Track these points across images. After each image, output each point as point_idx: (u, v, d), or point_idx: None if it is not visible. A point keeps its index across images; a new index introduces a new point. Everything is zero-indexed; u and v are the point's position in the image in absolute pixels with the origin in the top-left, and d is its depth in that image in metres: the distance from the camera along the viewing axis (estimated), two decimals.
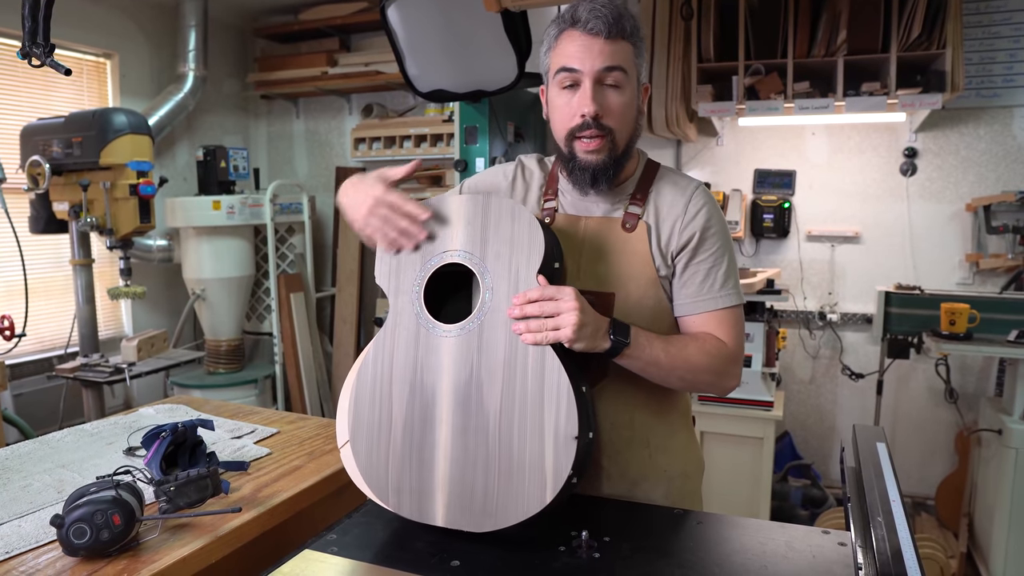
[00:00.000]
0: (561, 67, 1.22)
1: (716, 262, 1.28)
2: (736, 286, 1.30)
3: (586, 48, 1.19)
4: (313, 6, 4.27)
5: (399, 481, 1.14)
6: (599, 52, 1.19)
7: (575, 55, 1.20)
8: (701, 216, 1.27)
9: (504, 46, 2.57)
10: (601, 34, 1.19)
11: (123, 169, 3.15)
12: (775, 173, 3.66)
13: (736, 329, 1.29)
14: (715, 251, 1.28)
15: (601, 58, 1.19)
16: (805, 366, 3.75)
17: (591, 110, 1.20)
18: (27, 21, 1.46)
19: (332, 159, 4.70)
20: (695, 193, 1.29)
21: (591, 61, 1.19)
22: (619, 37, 1.20)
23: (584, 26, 1.19)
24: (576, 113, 1.21)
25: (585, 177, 1.25)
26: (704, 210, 1.27)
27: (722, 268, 1.28)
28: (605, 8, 1.20)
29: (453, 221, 1.16)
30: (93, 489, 1.11)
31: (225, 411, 1.90)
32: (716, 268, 1.28)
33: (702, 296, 1.28)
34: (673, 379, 1.24)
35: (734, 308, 1.29)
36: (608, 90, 1.21)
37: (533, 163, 1.41)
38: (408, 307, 1.16)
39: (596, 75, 1.19)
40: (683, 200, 1.28)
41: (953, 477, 3.36)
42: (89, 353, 3.34)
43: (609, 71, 1.20)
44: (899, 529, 0.88)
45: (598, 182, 1.25)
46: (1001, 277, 3.32)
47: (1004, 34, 3.25)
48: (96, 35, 3.76)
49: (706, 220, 1.27)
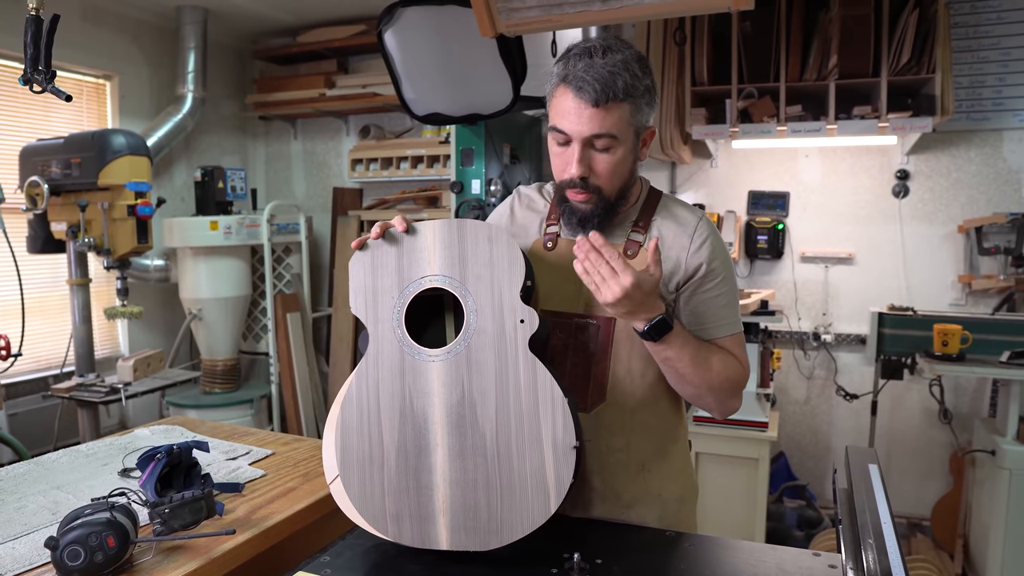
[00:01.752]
0: (553, 126, 1.22)
1: (723, 292, 1.30)
2: (739, 315, 1.34)
3: (576, 113, 1.18)
4: (311, 29, 4.31)
5: (398, 510, 1.14)
6: (588, 119, 1.17)
7: (565, 117, 1.19)
8: (707, 248, 1.29)
9: (499, 70, 2.60)
10: (590, 102, 1.16)
11: (121, 190, 3.16)
12: (769, 195, 3.70)
13: (744, 354, 1.33)
14: (720, 281, 1.30)
15: (589, 125, 1.17)
16: (800, 387, 3.76)
17: (577, 173, 1.21)
18: (29, 48, 1.48)
19: (329, 180, 4.73)
20: (699, 224, 1.31)
21: (579, 127, 1.18)
22: (611, 101, 1.16)
23: (575, 88, 1.17)
24: (565, 170, 1.23)
25: (573, 221, 1.28)
26: (709, 242, 1.29)
27: (728, 298, 1.31)
28: (598, 71, 1.15)
29: (429, 246, 1.15)
30: (88, 511, 1.11)
31: (220, 432, 1.90)
32: (722, 298, 1.30)
33: (709, 325, 1.30)
34: (689, 386, 1.26)
35: (739, 335, 1.33)
36: (597, 153, 1.21)
37: (533, 192, 1.44)
38: (389, 334, 1.15)
39: (584, 140, 1.19)
40: (688, 231, 1.30)
41: (948, 498, 3.36)
42: (85, 373, 3.34)
43: (598, 137, 1.19)
44: (890, 551, 0.88)
45: (585, 227, 1.27)
46: (993, 298, 3.34)
47: (993, 59, 3.30)
48: (96, 57, 3.79)
49: (711, 252, 1.29)
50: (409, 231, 1.15)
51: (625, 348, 1.29)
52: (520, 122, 3.70)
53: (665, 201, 1.35)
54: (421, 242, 1.15)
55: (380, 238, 1.15)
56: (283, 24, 4.31)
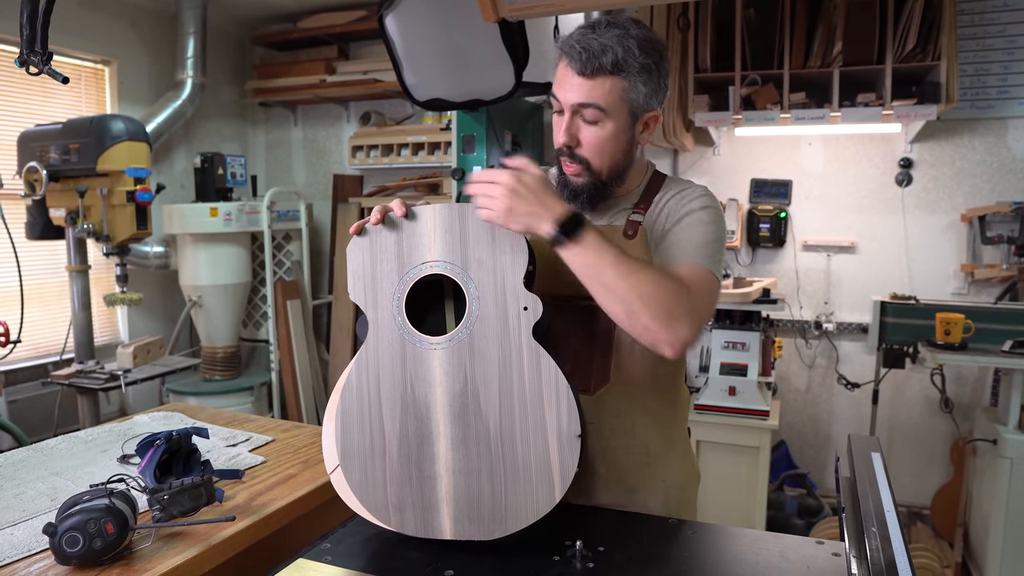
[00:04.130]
0: (551, 92, 1.24)
1: (701, 232, 1.22)
2: (716, 260, 1.21)
3: (565, 81, 1.20)
4: (312, 14, 4.28)
5: (400, 499, 1.13)
6: (576, 87, 1.19)
7: (559, 85, 1.22)
8: (697, 201, 1.26)
9: (502, 56, 2.58)
10: (576, 70, 1.17)
11: (120, 176, 3.14)
12: (771, 183, 3.68)
13: (701, 286, 1.15)
14: (704, 223, 1.23)
15: (576, 93, 1.19)
16: (801, 375, 3.75)
17: (562, 140, 1.22)
18: (25, 29, 1.46)
19: (330, 167, 4.71)
20: (697, 188, 1.30)
21: (566, 94, 1.20)
22: (598, 73, 1.16)
23: (567, 56, 1.19)
24: (557, 139, 1.25)
25: (565, 194, 1.27)
26: (703, 198, 1.27)
27: (705, 238, 1.22)
28: (589, 41, 1.16)
29: (429, 231, 1.13)
30: (87, 497, 1.11)
31: (220, 419, 1.90)
32: (700, 237, 1.22)
33: (675, 251, 1.21)
34: (617, 301, 1.07)
35: (700, 268, 1.18)
36: (585, 125, 1.21)
37: None
38: (389, 321, 1.13)
39: (572, 108, 1.20)
40: (687, 195, 1.28)
41: (948, 487, 3.36)
42: (84, 359, 3.33)
43: (584, 107, 1.19)
44: (893, 540, 0.88)
45: (575, 201, 1.26)
46: (996, 287, 3.33)
47: (998, 46, 3.27)
48: (95, 42, 3.76)
49: (701, 203, 1.26)
50: (408, 216, 1.13)
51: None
52: (522, 109, 3.67)
53: (669, 182, 1.34)
54: (421, 227, 1.13)
55: (380, 224, 1.13)
56: (283, 9, 4.28)
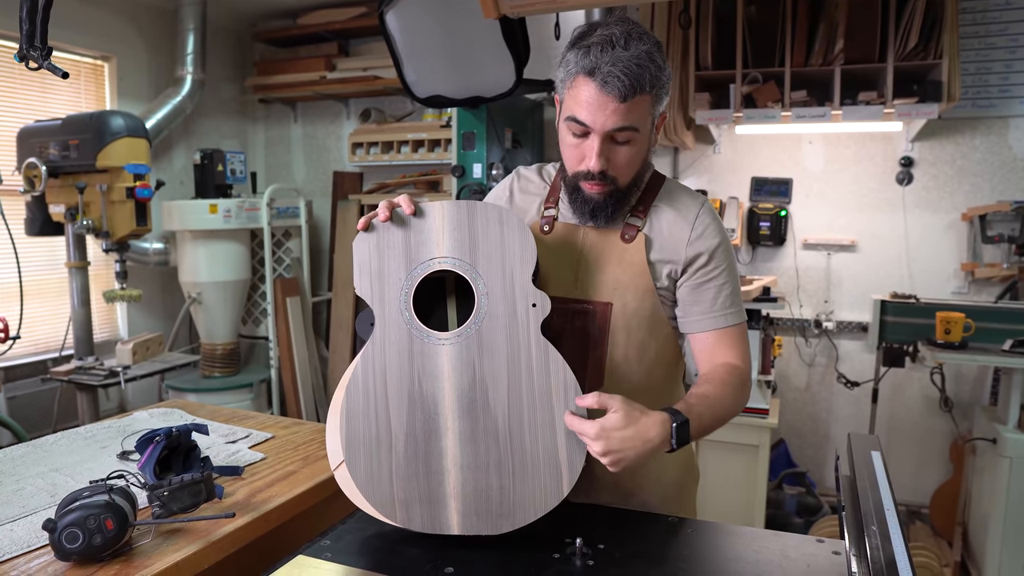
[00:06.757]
0: (572, 116, 1.17)
1: (724, 281, 1.29)
2: (741, 304, 1.32)
3: (599, 106, 1.13)
4: (312, 11, 4.27)
5: (407, 495, 1.12)
6: (612, 112, 1.13)
7: (586, 109, 1.14)
8: (708, 236, 1.27)
9: (502, 53, 2.57)
10: (617, 97, 1.11)
11: (120, 172, 3.14)
12: (772, 181, 3.68)
13: (745, 346, 1.31)
14: (723, 270, 1.28)
15: (613, 119, 1.13)
16: (801, 374, 3.75)
17: (597, 167, 1.17)
18: (24, 23, 1.46)
19: (330, 164, 4.70)
20: (701, 211, 1.29)
21: (603, 120, 1.14)
22: (638, 95, 1.13)
23: (600, 82, 1.12)
24: (583, 163, 1.20)
25: (586, 209, 1.25)
26: (711, 229, 1.27)
27: (730, 287, 1.29)
28: (626, 65, 1.10)
29: (437, 227, 1.13)
30: (86, 493, 1.10)
31: (220, 415, 1.90)
32: (725, 287, 1.29)
33: (712, 314, 1.28)
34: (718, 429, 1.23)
35: (741, 325, 1.31)
36: (617, 146, 1.18)
37: (532, 173, 1.41)
38: (396, 317, 1.13)
39: (606, 133, 1.15)
40: (689, 218, 1.28)
41: (948, 486, 3.36)
42: (84, 356, 3.33)
43: (620, 131, 1.15)
44: (893, 538, 0.88)
45: (597, 216, 1.25)
46: (996, 286, 3.33)
47: (1000, 45, 3.27)
48: (94, 38, 3.75)
49: (713, 239, 1.27)
50: (416, 212, 1.13)
51: (622, 333, 1.27)
52: (522, 106, 3.67)
53: (667, 186, 1.33)
54: (429, 223, 1.13)
55: (388, 220, 1.12)
56: (283, 6, 4.27)
